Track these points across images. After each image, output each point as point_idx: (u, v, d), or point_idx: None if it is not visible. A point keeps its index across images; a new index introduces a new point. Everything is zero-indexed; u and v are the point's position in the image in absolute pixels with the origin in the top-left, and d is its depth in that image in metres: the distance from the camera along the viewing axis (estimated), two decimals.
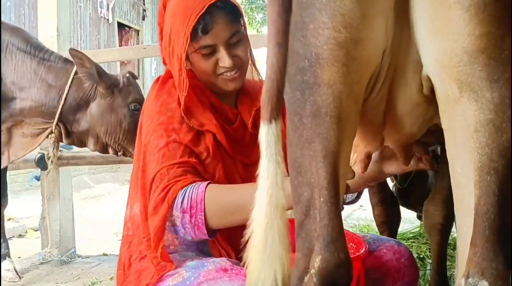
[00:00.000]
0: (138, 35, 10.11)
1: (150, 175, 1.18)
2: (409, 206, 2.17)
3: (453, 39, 0.68)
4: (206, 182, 1.15)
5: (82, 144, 2.46)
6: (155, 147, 1.20)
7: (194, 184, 1.15)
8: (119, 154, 2.37)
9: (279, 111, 0.68)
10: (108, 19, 8.64)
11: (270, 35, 0.66)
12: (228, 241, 1.25)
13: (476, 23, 0.66)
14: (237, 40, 1.26)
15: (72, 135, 2.42)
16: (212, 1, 1.18)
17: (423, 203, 1.68)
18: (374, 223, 2.23)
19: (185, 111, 1.23)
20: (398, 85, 0.84)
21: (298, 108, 0.79)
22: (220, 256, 1.23)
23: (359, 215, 4.49)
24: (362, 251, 1.09)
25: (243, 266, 0.75)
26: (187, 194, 1.13)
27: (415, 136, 0.95)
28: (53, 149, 2.64)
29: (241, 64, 1.28)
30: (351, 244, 1.18)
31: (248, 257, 0.69)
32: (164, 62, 1.35)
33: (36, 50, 2.36)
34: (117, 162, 2.61)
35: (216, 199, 1.13)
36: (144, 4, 10.18)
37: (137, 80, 2.53)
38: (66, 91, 2.30)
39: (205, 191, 1.13)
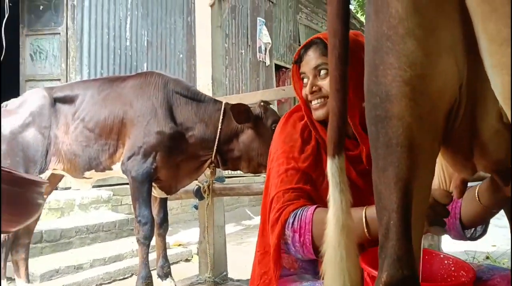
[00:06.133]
0: None
1: (270, 197, 1.35)
2: None
3: (507, 73, 0.71)
4: (315, 206, 1.26)
5: (235, 168, 2.86)
6: (276, 172, 1.37)
7: (304, 207, 1.27)
8: None
9: (341, 147, 0.78)
10: (265, 62, 9.32)
11: (331, 83, 0.78)
12: None
13: None
14: (326, 73, 1.38)
15: (227, 162, 2.82)
16: (309, 40, 1.39)
17: None
18: None
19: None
20: (480, 114, 0.87)
21: (374, 140, 0.88)
22: None
23: None
24: (470, 276, 1.10)
25: None
26: (297, 215, 1.25)
27: (504, 163, 0.95)
28: (208, 182, 3.05)
29: (321, 96, 1.39)
30: (461, 272, 1.18)
31: (323, 271, 0.79)
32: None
33: (194, 95, 2.81)
34: (260, 194, 2.85)
35: (322, 221, 1.23)
36: (299, 45, 10.72)
37: None
38: (219, 127, 2.71)
39: (313, 213, 1.23)
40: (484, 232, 1.38)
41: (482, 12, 0.73)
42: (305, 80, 1.43)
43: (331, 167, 0.79)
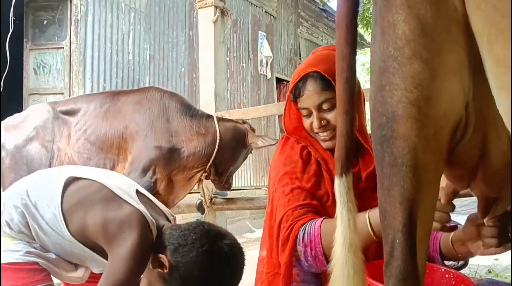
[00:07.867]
0: None
1: (278, 217, 1.36)
2: None
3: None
4: (322, 218, 1.28)
5: (221, 182, 2.99)
6: (282, 193, 1.38)
7: (312, 220, 1.28)
8: None
9: (348, 167, 0.79)
10: (266, 76, 9.37)
11: (339, 106, 0.79)
12: None
13: None
14: (330, 106, 1.39)
15: (218, 173, 2.90)
16: (304, 73, 1.39)
17: None
18: None
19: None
20: (490, 134, 0.88)
21: (379, 159, 0.89)
22: None
23: None
24: None
25: None
26: (306, 230, 1.27)
27: (503, 191, 0.96)
28: (210, 196, 3.07)
29: (331, 128, 1.41)
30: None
31: None
32: None
33: (187, 109, 2.86)
34: (263, 207, 2.86)
35: (330, 230, 1.24)
36: (300, 59, 10.78)
37: None
38: (218, 140, 2.75)
39: (320, 225, 1.25)
40: (464, 264, 1.43)
41: (488, 35, 0.74)
42: (304, 112, 1.44)
43: (339, 186, 0.80)
